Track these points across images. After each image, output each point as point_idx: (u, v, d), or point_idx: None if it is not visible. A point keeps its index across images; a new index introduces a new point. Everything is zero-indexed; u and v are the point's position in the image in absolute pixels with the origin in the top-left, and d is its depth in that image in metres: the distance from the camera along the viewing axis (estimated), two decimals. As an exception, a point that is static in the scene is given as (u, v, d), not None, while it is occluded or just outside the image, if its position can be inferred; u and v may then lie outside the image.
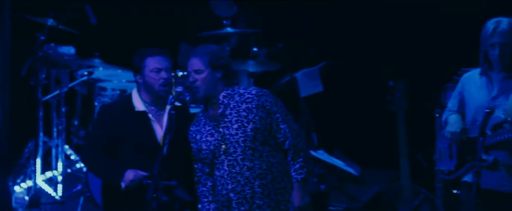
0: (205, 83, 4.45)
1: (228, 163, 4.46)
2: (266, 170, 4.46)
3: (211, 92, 4.47)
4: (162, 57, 4.77)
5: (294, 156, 4.46)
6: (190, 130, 4.56)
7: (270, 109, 4.46)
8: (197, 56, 4.46)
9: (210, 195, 4.53)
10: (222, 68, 4.47)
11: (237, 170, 4.45)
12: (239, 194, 4.45)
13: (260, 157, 4.46)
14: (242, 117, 4.44)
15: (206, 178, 4.53)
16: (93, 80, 7.00)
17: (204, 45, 4.53)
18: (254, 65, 6.81)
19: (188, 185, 4.78)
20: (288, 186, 4.49)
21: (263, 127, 4.44)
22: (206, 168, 4.52)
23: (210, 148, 4.47)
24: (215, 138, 4.46)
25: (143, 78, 4.75)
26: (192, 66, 4.46)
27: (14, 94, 7.31)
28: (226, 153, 4.46)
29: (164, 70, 4.75)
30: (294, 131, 4.48)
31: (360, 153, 6.74)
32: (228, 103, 4.47)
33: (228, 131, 4.45)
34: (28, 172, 6.96)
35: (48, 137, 7.09)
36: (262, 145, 4.45)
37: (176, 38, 7.01)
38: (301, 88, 6.77)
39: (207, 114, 4.51)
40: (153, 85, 4.74)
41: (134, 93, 4.80)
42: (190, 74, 4.48)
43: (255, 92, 4.48)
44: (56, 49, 6.99)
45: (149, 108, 4.77)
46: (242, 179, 4.45)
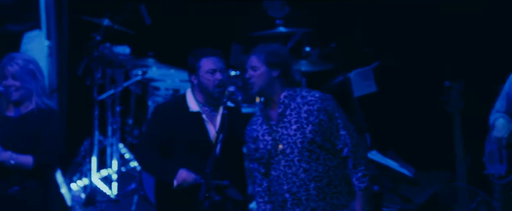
0: (260, 79, 4.46)
1: (284, 164, 4.46)
2: (322, 173, 4.45)
3: (267, 90, 4.49)
4: (217, 58, 4.79)
5: (355, 164, 4.45)
6: (247, 129, 4.58)
7: (332, 113, 4.46)
8: (255, 54, 4.50)
9: (266, 195, 4.53)
10: (279, 66, 4.48)
11: (293, 171, 4.45)
12: (294, 196, 4.45)
13: (317, 159, 4.45)
14: (302, 119, 4.44)
15: (262, 178, 4.54)
16: (147, 80, 7.06)
17: (265, 44, 4.55)
18: (307, 65, 6.79)
19: (240, 185, 4.79)
20: (344, 190, 4.48)
21: (323, 131, 4.44)
22: (262, 168, 4.53)
23: (267, 147, 4.48)
24: (273, 138, 4.47)
25: (198, 78, 4.77)
26: (249, 63, 4.50)
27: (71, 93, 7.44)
28: (283, 153, 4.46)
29: (219, 71, 4.76)
30: (354, 139, 4.47)
31: (414, 154, 6.67)
32: (289, 103, 4.48)
33: (286, 131, 4.45)
34: (84, 170, 7.07)
35: (103, 136, 7.18)
36: (320, 148, 4.44)
37: (228, 38, 7.04)
38: (355, 88, 6.72)
39: (265, 113, 4.52)
40: (208, 86, 4.76)
41: (188, 93, 4.83)
42: (247, 71, 4.49)
43: (318, 95, 4.48)
44: (112, 49, 7.08)
45: (203, 109, 4.80)
46: (297, 181, 4.45)
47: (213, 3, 7.67)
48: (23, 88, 4.66)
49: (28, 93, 4.67)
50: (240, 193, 4.72)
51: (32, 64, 4.69)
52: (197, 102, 4.81)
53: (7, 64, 4.67)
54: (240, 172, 4.86)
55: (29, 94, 4.68)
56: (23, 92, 4.67)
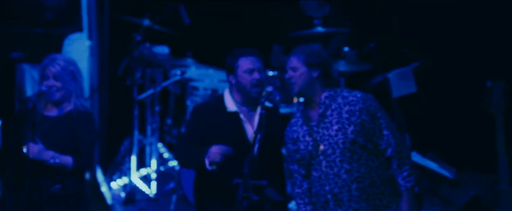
0: (300, 80, 4.46)
1: (326, 164, 4.44)
2: (364, 173, 4.42)
3: (307, 90, 4.48)
4: (255, 58, 4.79)
5: (400, 164, 4.42)
6: (287, 130, 4.57)
7: (374, 113, 4.43)
8: (295, 54, 4.50)
9: (306, 197, 4.52)
10: (319, 66, 4.47)
11: (335, 172, 4.43)
12: (336, 196, 4.43)
13: (358, 160, 4.42)
14: (344, 119, 4.42)
15: (302, 179, 4.53)
16: (185, 80, 7.10)
17: (305, 44, 4.54)
18: (345, 65, 6.75)
19: (279, 185, 4.78)
20: (387, 192, 4.45)
21: (365, 131, 4.41)
22: (302, 170, 4.52)
23: (308, 148, 4.47)
24: (313, 139, 4.46)
25: (236, 78, 4.78)
26: (289, 64, 4.50)
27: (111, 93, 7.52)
28: (324, 154, 4.44)
29: (256, 71, 4.76)
30: (397, 139, 4.43)
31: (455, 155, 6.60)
32: (330, 104, 4.46)
33: (327, 132, 4.44)
34: (124, 169, 7.13)
35: (142, 136, 7.24)
36: (362, 148, 4.42)
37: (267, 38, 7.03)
38: (394, 89, 6.67)
39: (305, 114, 4.51)
40: (246, 85, 4.76)
41: (226, 93, 4.84)
42: (287, 71, 4.49)
43: (360, 95, 4.46)
44: (151, 49, 7.14)
45: (241, 109, 4.80)
46: (339, 181, 4.43)
47: (252, 3, 7.68)
48: (63, 88, 4.72)
49: (68, 94, 4.74)
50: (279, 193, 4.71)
51: (72, 65, 4.76)
52: (235, 102, 4.81)
53: (49, 65, 4.74)
54: (279, 172, 4.85)
55: (68, 95, 4.74)
56: (64, 92, 4.73)
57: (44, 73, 4.73)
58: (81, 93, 4.77)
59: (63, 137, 4.70)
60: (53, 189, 4.62)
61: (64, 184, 4.65)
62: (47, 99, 4.77)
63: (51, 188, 4.63)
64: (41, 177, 4.68)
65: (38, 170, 4.65)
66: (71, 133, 4.71)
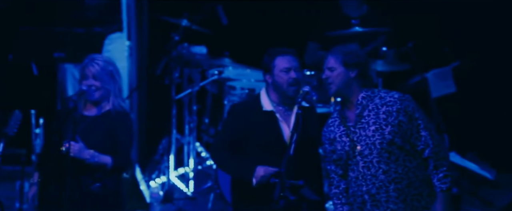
0: (337, 80, 4.45)
1: (363, 165, 4.43)
2: (402, 174, 4.40)
3: (344, 90, 4.47)
4: (291, 57, 4.79)
5: (437, 165, 4.39)
6: (324, 131, 4.57)
7: (412, 114, 4.40)
8: (332, 54, 4.49)
9: (343, 197, 4.51)
10: (357, 67, 4.46)
11: (372, 172, 4.41)
12: (373, 197, 4.41)
13: (396, 160, 4.40)
14: (381, 119, 4.40)
15: (339, 180, 4.52)
16: (223, 79, 7.12)
17: (343, 44, 4.53)
18: (383, 65, 6.71)
19: (316, 185, 4.77)
20: (425, 192, 4.42)
21: (402, 132, 4.39)
22: (339, 170, 4.51)
23: (345, 149, 4.46)
24: (351, 139, 4.44)
25: (273, 77, 4.78)
26: (327, 64, 4.49)
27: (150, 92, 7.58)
28: (361, 155, 4.43)
29: (293, 70, 4.76)
30: (435, 140, 4.41)
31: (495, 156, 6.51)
32: (367, 104, 4.44)
33: (365, 133, 4.42)
34: (162, 168, 7.18)
35: (180, 135, 7.28)
36: (399, 149, 4.39)
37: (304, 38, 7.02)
38: (432, 89, 6.61)
39: (342, 114, 4.50)
40: (282, 84, 4.77)
41: (263, 92, 4.85)
42: (325, 71, 4.49)
43: (397, 96, 4.43)
44: (189, 49, 7.18)
45: (277, 108, 4.80)
46: (377, 182, 4.41)
47: (289, 3, 7.67)
48: (102, 88, 4.78)
49: (106, 93, 4.79)
50: (316, 193, 4.70)
51: (111, 65, 4.81)
52: (271, 102, 4.81)
53: (88, 64, 4.80)
54: (316, 172, 4.84)
55: (107, 94, 4.79)
56: (103, 92, 4.78)
57: (84, 72, 4.79)
58: (119, 93, 4.82)
59: (102, 136, 4.76)
60: (93, 187, 4.68)
61: (104, 182, 4.71)
62: (86, 99, 4.82)
63: (91, 187, 4.69)
64: (81, 175, 4.73)
65: (78, 168, 4.71)
66: (109, 133, 4.76)
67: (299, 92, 4.72)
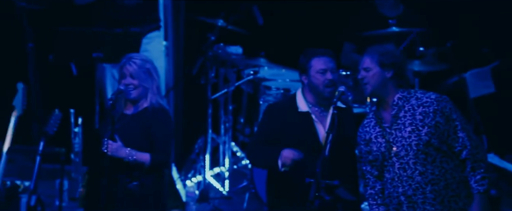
0: (373, 81, 4.44)
1: (399, 166, 4.41)
2: (439, 176, 4.38)
3: (380, 91, 4.45)
4: (327, 58, 4.78)
5: (474, 167, 4.36)
6: (360, 131, 4.56)
7: (449, 115, 4.37)
8: (368, 54, 4.48)
9: (379, 198, 4.50)
10: (393, 67, 4.44)
11: (408, 174, 4.39)
12: (410, 199, 4.40)
13: (433, 162, 4.38)
14: (417, 121, 4.38)
15: (375, 180, 4.51)
16: (258, 79, 7.13)
17: (379, 45, 4.51)
18: (420, 65, 6.66)
19: (352, 185, 4.76)
20: (462, 194, 4.40)
21: (439, 133, 4.37)
22: (374, 171, 4.50)
23: (381, 150, 4.45)
24: (386, 140, 4.43)
25: (308, 78, 4.79)
26: (362, 64, 4.48)
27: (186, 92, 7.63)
28: (397, 156, 4.41)
29: (329, 71, 4.76)
30: (473, 141, 4.38)
31: (534, 157, 6.42)
32: (403, 105, 4.42)
33: (401, 134, 4.40)
34: (198, 167, 7.22)
35: (216, 134, 7.31)
36: (436, 150, 4.37)
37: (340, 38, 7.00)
38: (471, 89, 6.55)
39: (378, 115, 4.48)
40: (318, 85, 4.77)
41: (299, 93, 4.85)
42: (360, 71, 4.46)
43: (434, 97, 4.41)
44: (225, 49, 7.20)
45: (313, 109, 4.80)
46: (413, 183, 4.39)
47: (325, 3, 7.66)
48: (140, 86, 4.82)
49: (144, 91, 4.83)
50: (351, 194, 4.69)
51: (148, 63, 4.85)
52: (307, 102, 4.81)
53: (126, 63, 4.85)
54: (351, 172, 4.83)
55: (145, 92, 4.84)
56: (140, 90, 4.83)
57: (122, 72, 4.85)
58: (157, 91, 4.86)
59: (139, 134, 4.80)
60: (131, 186, 4.71)
61: (141, 181, 4.74)
62: (126, 98, 4.87)
63: (128, 185, 4.72)
64: (119, 174, 4.78)
65: (116, 167, 4.76)
66: (146, 130, 4.80)
67: (335, 92, 4.72)
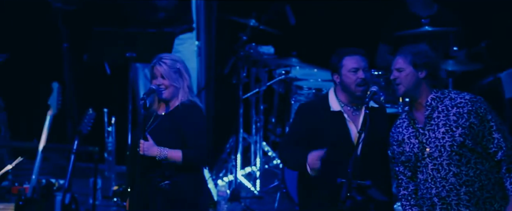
0: (406, 81, 4.40)
1: (432, 167, 4.38)
2: (473, 177, 4.34)
3: (413, 91, 4.42)
4: (359, 57, 4.76)
5: (510, 168, 4.32)
6: (392, 132, 4.54)
7: (484, 116, 4.33)
8: (401, 55, 4.44)
9: (412, 199, 4.47)
10: (426, 67, 4.40)
11: (442, 175, 4.37)
12: (444, 200, 4.37)
13: (467, 163, 4.34)
14: (451, 121, 4.35)
15: (408, 181, 4.48)
16: (290, 79, 7.13)
17: (412, 45, 4.48)
18: (454, 65, 6.60)
19: (383, 186, 4.73)
20: (498, 195, 4.36)
21: (474, 134, 4.33)
22: (407, 172, 4.47)
23: (414, 150, 4.42)
24: (420, 141, 4.40)
25: (340, 77, 4.76)
26: (395, 64, 4.45)
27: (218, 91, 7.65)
28: (430, 157, 4.38)
29: (361, 70, 4.73)
30: (509, 142, 4.33)
31: None
32: (436, 105, 4.39)
33: (434, 135, 4.37)
34: (229, 166, 7.24)
35: (247, 134, 7.33)
36: (471, 151, 4.34)
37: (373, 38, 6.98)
38: (506, 89, 6.48)
39: (411, 116, 4.45)
40: (350, 85, 4.74)
41: (331, 92, 4.83)
42: (393, 72, 4.44)
43: (469, 97, 4.37)
44: (257, 48, 7.22)
45: (345, 108, 4.78)
46: (447, 185, 4.36)
47: (358, 2, 7.63)
48: (171, 86, 4.85)
49: (176, 91, 4.85)
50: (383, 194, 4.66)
51: (179, 63, 4.88)
52: (339, 102, 4.79)
53: (156, 64, 4.88)
54: (384, 172, 4.81)
55: (176, 92, 4.86)
56: (172, 90, 4.85)
57: (153, 72, 4.87)
58: (189, 89, 4.88)
59: (171, 133, 4.81)
60: (162, 185, 4.73)
61: (173, 180, 4.75)
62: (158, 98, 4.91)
63: (160, 184, 4.74)
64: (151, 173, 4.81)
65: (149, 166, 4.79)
66: (178, 128, 4.81)
67: (367, 92, 4.70)
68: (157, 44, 6.26)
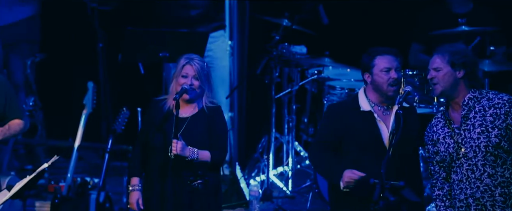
0: (444, 81, 4.37)
1: (467, 167, 4.35)
2: (509, 178, 4.30)
3: (450, 91, 4.38)
4: (392, 57, 4.73)
5: None
6: (427, 131, 4.50)
7: None
8: (438, 54, 4.40)
9: (447, 200, 4.44)
10: (464, 67, 4.36)
11: (477, 176, 4.33)
12: (478, 201, 4.33)
13: (503, 164, 4.30)
14: (487, 122, 4.31)
15: (443, 182, 4.45)
16: (322, 79, 7.12)
17: (449, 44, 4.45)
18: (491, 65, 6.52)
19: (416, 186, 4.71)
20: None
21: (510, 135, 4.29)
22: (442, 172, 4.44)
23: (449, 150, 4.39)
24: (455, 141, 4.37)
25: (372, 77, 4.73)
26: (433, 64, 4.40)
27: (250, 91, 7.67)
28: (465, 157, 4.34)
29: (394, 70, 4.70)
30: None
31: None
32: (473, 105, 4.35)
33: (470, 135, 4.34)
34: (261, 166, 7.25)
35: (279, 133, 7.34)
36: (507, 153, 4.30)
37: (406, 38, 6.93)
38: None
39: (447, 116, 4.42)
40: (382, 84, 4.71)
41: (361, 92, 4.81)
42: (429, 71, 4.41)
43: (507, 98, 4.33)
44: (289, 48, 7.22)
45: (375, 108, 4.75)
46: (481, 186, 4.33)
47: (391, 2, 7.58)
48: (200, 87, 4.89)
49: (202, 93, 4.91)
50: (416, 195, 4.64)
51: (207, 66, 4.94)
52: (369, 102, 4.76)
53: (189, 64, 4.91)
54: (415, 173, 4.78)
55: (202, 93, 4.91)
56: (199, 91, 4.90)
57: (184, 72, 4.91)
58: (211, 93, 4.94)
59: (199, 134, 4.86)
60: (195, 184, 4.77)
61: (205, 179, 4.79)
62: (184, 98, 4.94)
63: (193, 183, 4.78)
64: (184, 172, 4.85)
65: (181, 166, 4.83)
66: (205, 129, 4.86)
67: (399, 92, 4.67)
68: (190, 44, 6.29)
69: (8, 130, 4.78)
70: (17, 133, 4.88)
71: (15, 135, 4.98)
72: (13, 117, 4.83)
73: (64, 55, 7.78)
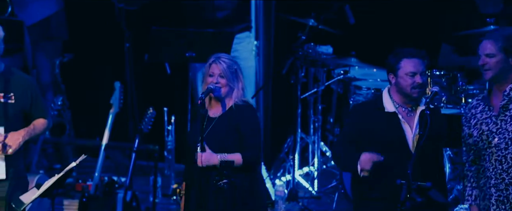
0: (496, 68, 4.27)
1: (496, 158, 4.29)
2: None
3: (501, 77, 4.28)
4: (418, 60, 4.67)
5: None
6: (466, 112, 4.43)
7: None
8: (490, 39, 4.28)
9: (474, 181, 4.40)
10: None
11: (504, 168, 4.28)
12: (501, 192, 4.28)
13: None
14: None
15: (471, 164, 4.40)
16: (348, 79, 7.10)
17: (501, 28, 4.34)
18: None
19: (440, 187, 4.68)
20: None
21: None
22: (471, 155, 4.38)
23: (482, 137, 4.32)
24: (489, 129, 4.30)
25: (396, 78, 4.69)
26: (484, 50, 4.30)
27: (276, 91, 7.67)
28: (497, 147, 4.28)
29: (419, 74, 4.65)
30: None
31: None
32: None
33: (505, 126, 4.27)
34: (287, 166, 7.25)
35: (305, 134, 7.33)
36: None
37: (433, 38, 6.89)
38: None
39: (487, 102, 4.35)
40: (406, 87, 4.67)
41: (385, 93, 4.77)
42: (481, 57, 4.33)
43: None
44: (315, 48, 7.20)
45: (399, 109, 4.71)
46: (507, 178, 4.27)
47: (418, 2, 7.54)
48: (227, 86, 4.88)
49: (230, 91, 4.89)
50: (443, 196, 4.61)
51: (235, 64, 4.92)
52: (393, 102, 4.72)
53: (214, 62, 4.92)
54: (440, 174, 4.75)
55: (231, 92, 4.90)
56: (227, 90, 4.89)
57: (210, 71, 4.91)
58: (242, 91, 4.92)
59: (227, 134, 4.84)
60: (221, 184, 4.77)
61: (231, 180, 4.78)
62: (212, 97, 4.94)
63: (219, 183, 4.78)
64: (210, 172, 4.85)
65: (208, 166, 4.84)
66: (234, 129, 4.84)
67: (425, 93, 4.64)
68: (216, 44, 6.31)
69: (33, 130, 4.83)
70: (42, 132, 4.93)
71: (40, 134, 5.04)
72: (38, 116, 4.88)
73: (92, 55, 7.84)
